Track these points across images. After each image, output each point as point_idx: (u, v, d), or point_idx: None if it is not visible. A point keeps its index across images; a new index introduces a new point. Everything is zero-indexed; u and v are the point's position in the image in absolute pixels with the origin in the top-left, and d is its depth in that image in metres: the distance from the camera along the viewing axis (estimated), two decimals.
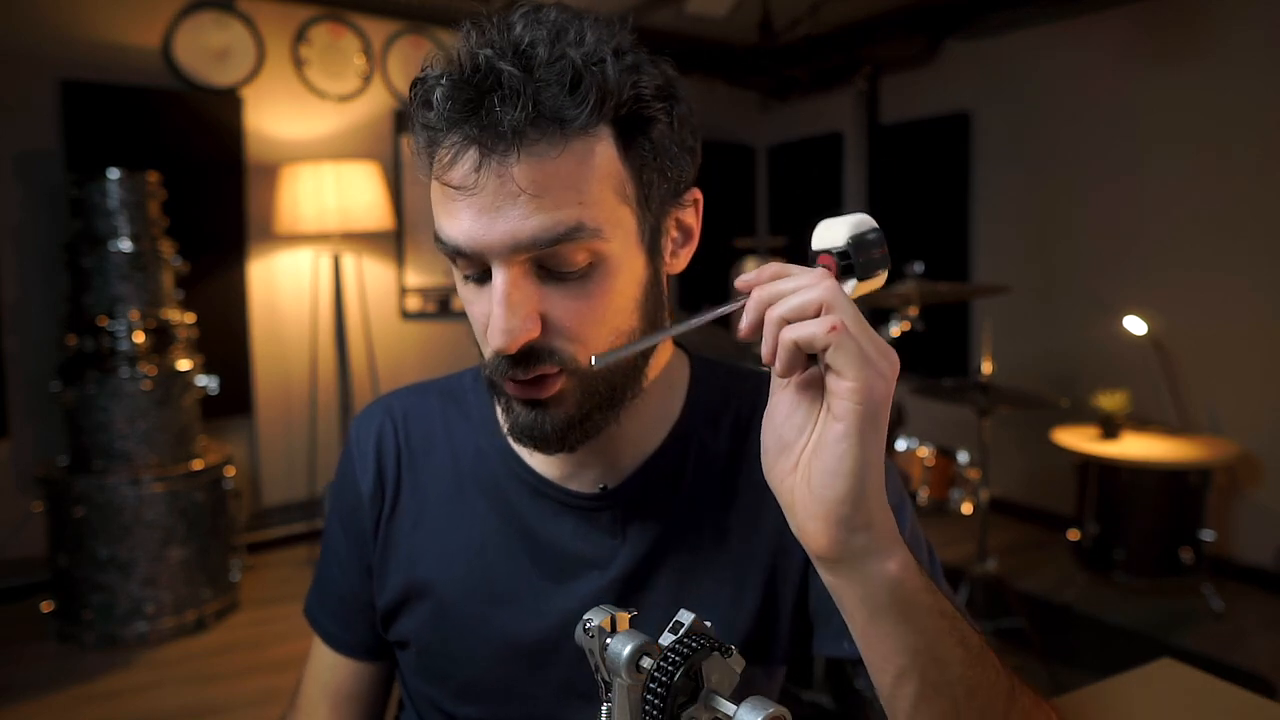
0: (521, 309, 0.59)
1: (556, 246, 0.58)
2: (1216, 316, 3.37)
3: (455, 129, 0.57)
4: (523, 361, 0.61)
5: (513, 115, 0.55)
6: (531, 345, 0.60)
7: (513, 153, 0.56)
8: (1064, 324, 3.89)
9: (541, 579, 0.73)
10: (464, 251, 0.59)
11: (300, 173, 3.40)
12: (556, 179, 0.57)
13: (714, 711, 0.46)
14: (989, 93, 4.18)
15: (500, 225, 0.57)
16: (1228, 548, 3.33)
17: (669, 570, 0.72)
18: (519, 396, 0.63)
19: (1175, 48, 3.44)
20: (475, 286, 0.63)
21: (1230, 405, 3.36)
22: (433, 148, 0.60)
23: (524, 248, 0.57)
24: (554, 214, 0.57)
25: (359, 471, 0.80)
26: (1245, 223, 3.28)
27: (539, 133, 0.56)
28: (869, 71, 4.55)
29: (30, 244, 3.21)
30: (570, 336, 0.61)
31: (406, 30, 4.02)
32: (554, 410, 0.63)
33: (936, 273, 2.95)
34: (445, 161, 0.59)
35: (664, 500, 0.73)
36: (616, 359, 0.56)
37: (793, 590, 0.73)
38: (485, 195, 0.57)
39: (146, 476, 2.80)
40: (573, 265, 0.59)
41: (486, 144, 0.56)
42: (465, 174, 0.57)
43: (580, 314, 0.61)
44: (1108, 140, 3.70)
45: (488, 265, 0.59)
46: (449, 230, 0.59)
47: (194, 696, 2.50)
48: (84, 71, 3.28)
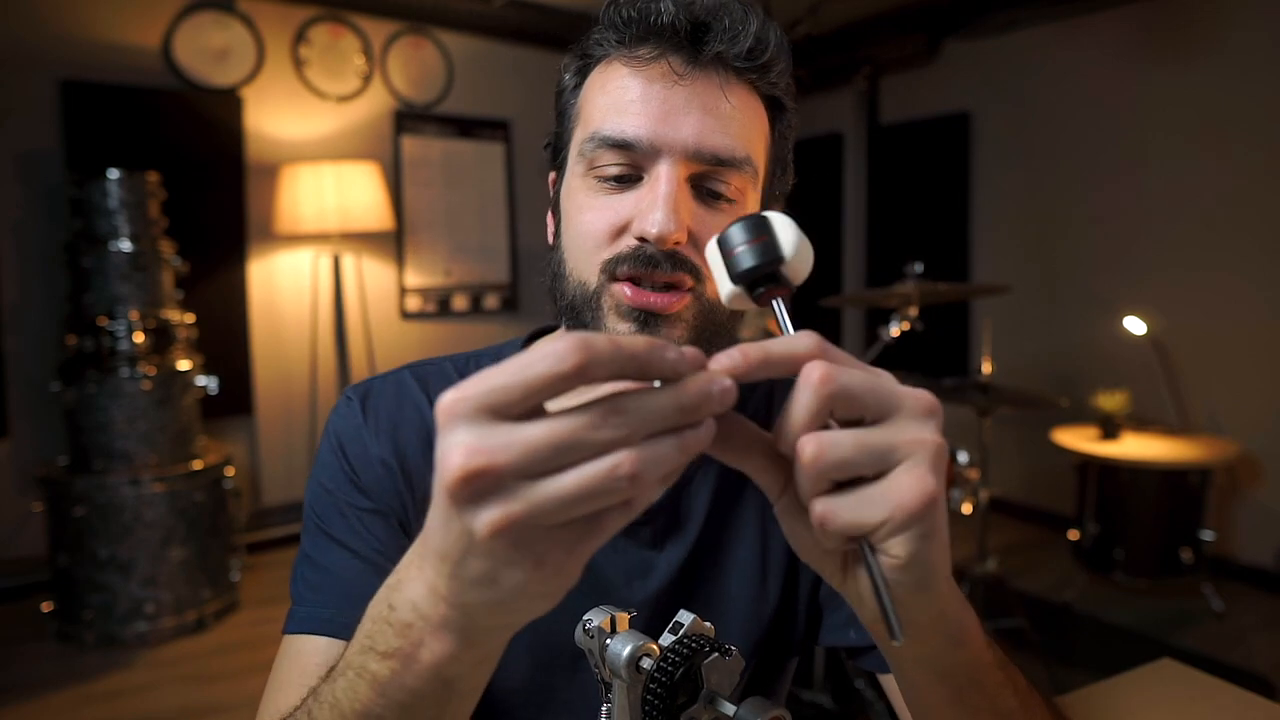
0: (683, 209, 0.60)
1: (723, 168, 0.62)
2: (1216, 316, 3.37)
3: (680, 27, 0.61)
4: (664, 262, 0.60)
5: (739, 42, 0.61)
6: (675, 249, 0.60)
7: (725, 71, 0.62)
8: (1064, 324, 3.89)
9: (583, 584, 0.68)
10: (633, 145, 0.60)
11: (300, 173, 3.40)
12: (748, 111, 0.63)
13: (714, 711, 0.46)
14: (989, 93, 4.18)
15: (691, 125, 0.60)
16: (1228, 548, 3.33)
17: (703, 575, 0.72)
18: (640, 304, 0.61)
19: (1175, 47, 3.44)
20: (606, 191, 0.63)
21: (1230, 405, 3.36)
22: (641, 40, 0.62)
23: (704, 156, 0.61)
24: (739, 138, 0.62)
25: (381, 448, 0.71)
26: (1245, 223, 3.27)
27: (747, 68, 0.62)
28: (869, 71, 4.55)
29: (30, 244, 3.21)
30: (702, 257, 0.62)
31: (406, 30, 4.02)
32: (668, 331, 0.62)
33: (936, 272, 2.95)
34: (651, 54, 0.61)
35: (698, 508, 0.73)
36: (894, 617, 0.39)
37: (810, 579, 0.74)
38: (685, 94, 0.61)
39: (146, 476, 2.80)
40: (722, 194, 0.62)
41: (706, 51, 0.61)
42: (679, 66, 0.61)
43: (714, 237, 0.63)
44: (1108, 140, 3.70)
45: (638, 168, 0.61)
46: (624, 123, 0.61)
47: (194, 696, 2.50)
48: (84, 71, 3.28)
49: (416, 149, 4.09)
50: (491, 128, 4.30)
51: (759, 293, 0.45)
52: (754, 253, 0.45)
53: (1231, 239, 3.31)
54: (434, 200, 4.17)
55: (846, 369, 0.37)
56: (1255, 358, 3.27)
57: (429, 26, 4.07)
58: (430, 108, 4.13)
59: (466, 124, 4.23)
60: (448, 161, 4.19)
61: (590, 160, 0.63)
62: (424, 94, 4.10)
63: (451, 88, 4.17)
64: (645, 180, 0.62)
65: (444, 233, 4.20)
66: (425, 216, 4.14)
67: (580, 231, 0.63)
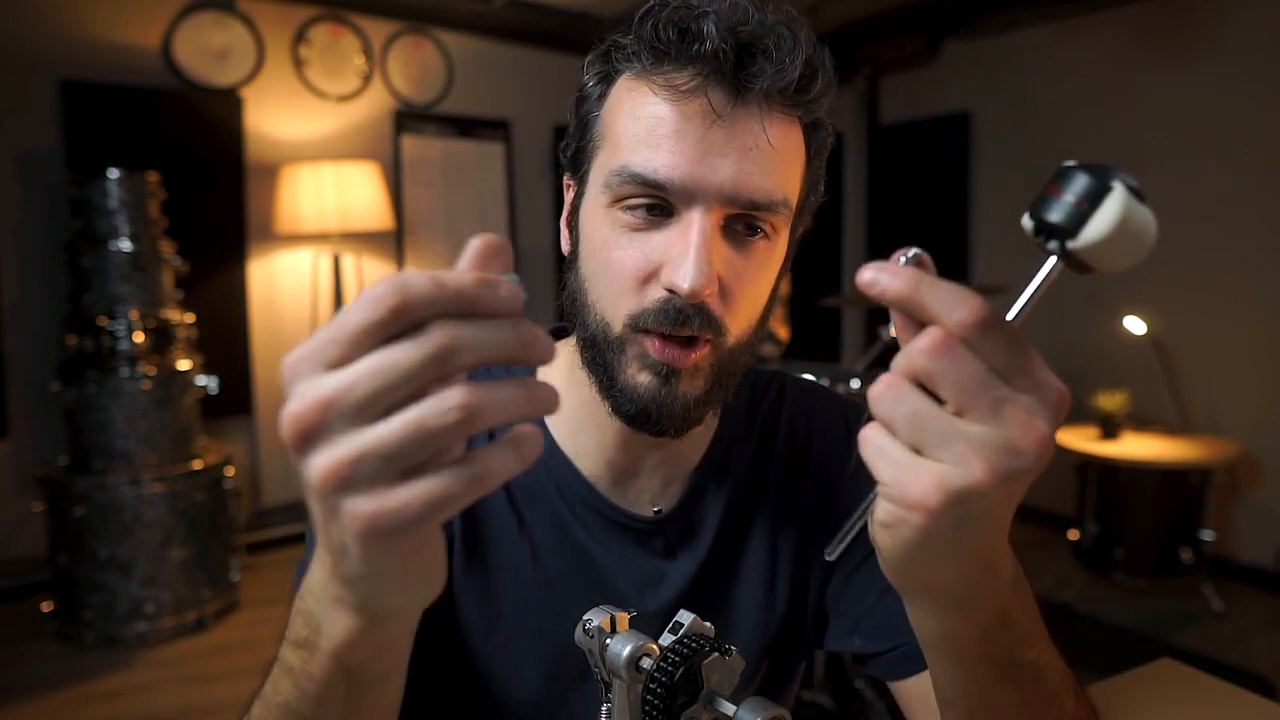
0: (715, 258, 0.57)
1: (760, 212, 0.58)
2: (1216, 316, 3.37)
3: (723, 57, 0.56)
4: (686, 318, 0.58)
5: (787, 74, 0.56)
6: (704, 303, 0.58)
7: (763, 106, 0.57)
8: (1064, 324, 3.89)
9: (595, 593, 0.69)
10: (665, 187, 0.57)
11: (300, 173, 3.40)
12: (788, 145, 0.59)
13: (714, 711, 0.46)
14: (989, 93, 4.18)
15: (728, 168, 0.56)
16: (1228, 548, 3.32)
17: (714, 585, 0.72)
18: (666, 359, 0.59)
19: (1175, 47, 3.44)
20: (635, 227, 0.59)
21: (1230, 405, 3.36)
22: (679, 64, 0.57)
23: (740, 201, 0.57)
24: (777, 179, 0.58)
25: None
26: (1245, 223, 3.28)
27: (788, 102, 0.58)
28: (869, 71, 4.55)
29: (30, 244, 3.21)
30: (731, 306, 0.60)
31: (406, 30, 4.02)
32: (687, 385, 0.60)
33: (936, 272, 2.95)
34: (688, 85, 0.56)
35: (710, 518, 0.72)
36: (844, 546, 0.43)
37: (819, 582, 0.74)
38: (724, 134, 0.56)
39: (146, 476, 2.80)
40: (756, 234, 0.60)
41: (751, 85, 0.56)
42: (720, 104, 0.56)
43: (745, 284, 0.60)
44: (1108, 140, 3.70)
45: (669, 204, 0.58)
46: (657, 161, 0.57)
47: (194, 696, 2.50)
48: (84, 71, 3.28)
49: (416, 149, 4.09)
50: (491, 127, 4.30)
51: (1039, 242, 0.42)
52: (1061, 210, 0.40)
53: (1231, 239, 3.31)
54: (434, 200, 4.17)
55: (961, 354, 0.36)
56: (1255, 358, 3.27)
57: (429, 26, 4.07)
58: (430, 108, 4.13)
59: (466, 124, 4.23)
60: (448, 161, 4.19)
61: (617, 193, 0.59)
62: (424, 94, 4.10)
63: (451, 88, 4.17)
64: (676, 222, 0.58)
65: (444, 233, 4.20)
66: (425, 216, 4.14)
67: (607, 270, 0.60)
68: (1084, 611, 3.05)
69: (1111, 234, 0.39)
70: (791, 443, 0.76)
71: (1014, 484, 0.36)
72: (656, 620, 0.68)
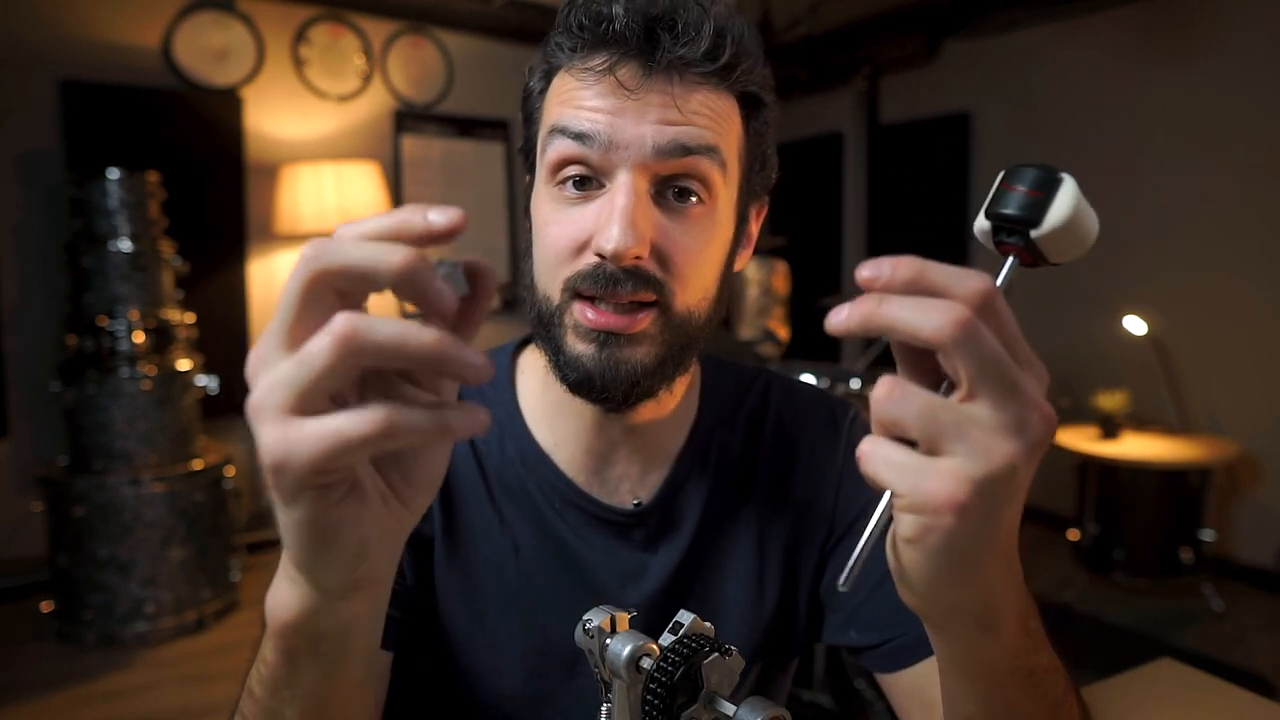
0: (643, 221, 0.58)
1: (687, 159, 0.59)
2: (1216, 316, 3.37)
3: (630, 35, 0.58)
4: (625, 281, 0.58)
5: (696, 44, 0.58)
6: (637, 266, 0.58)
7: (677, 75, 0.59)
8: (1064, 324, 3.89)
9: (577, 589, 0.70)
10: (590, 148, 0.58)
11: (300, 173, 3.40)
12: (706, 108, 0.60)
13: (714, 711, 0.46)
14: (989, 93, 4.18)
15: (649, 122, 0.58)
16: (1228, 548, 3.33)
17: (698, 578, 0.72)
18: (600, 326, 0.59)
19: (1175, 47, 3.44)
20: (569, 201, 0.61)
21: (1230, 405, 3.36)
22: (595, 48, 0.60)
23: (663, 151, 0.58)
24: (697, 130, 0.59)
25: None
26: (1245, 223, 3.28)
27: (704, 72, 0.59)
28: (869, 71, 4.55)
29: (30, 244, 3.21)
30: (673, 271, 0.60)
31: (406, 30, 4.02)
32: (630, 351, 0.60)
33: None
34: (602, 65, 0.59)
35: (691, 510, 0.72)
36: (857, 572, 0.39)
37: (809, 579, 0.73)
38: (638, 105, 0.58)
39: (146, 476, 2.80)
40: (690, 193, 0.60)
41: (659, 58, 0.58)
42: (628, 79, 0.58)
43: (686, 250, 0.60)
44: (1108, 140, 3.70)
45: (599, 172, 0.60)
46: (580, 122, 0.59)
47: (194, 696, 2.50)
48: (84, 71, 3.28)
49: (416, 149, 4.09)
50: (491, 128, 4.30)
51: (999, 241, 0.42)
52: (1018, 202, 0.41)
53: (1231, 239, 3.31)
54: (434, 200, 4.17)
55: (981, 331, 0.35)
56: (1255, 358, 3.27)
57: (429, 26, 4.07)
58: (430, 107, 4.13)
59: (466, 124, 4.23)
60: (448, 161, 4.19)
61: (549, 161, 0.61)
62: (424, 94, 4.10)
63: (451, 88, 4.17)
64: (606, 191, 0.59)
65: None
66: None
67: (545, 245, 0.62)
68: (1084, 611, 3.05)
69: (1070, 218, 0.41)
70: (779, 437, 0.76)
71: (1030, 463, 0.36)
72: (642, 613, 0.68)
